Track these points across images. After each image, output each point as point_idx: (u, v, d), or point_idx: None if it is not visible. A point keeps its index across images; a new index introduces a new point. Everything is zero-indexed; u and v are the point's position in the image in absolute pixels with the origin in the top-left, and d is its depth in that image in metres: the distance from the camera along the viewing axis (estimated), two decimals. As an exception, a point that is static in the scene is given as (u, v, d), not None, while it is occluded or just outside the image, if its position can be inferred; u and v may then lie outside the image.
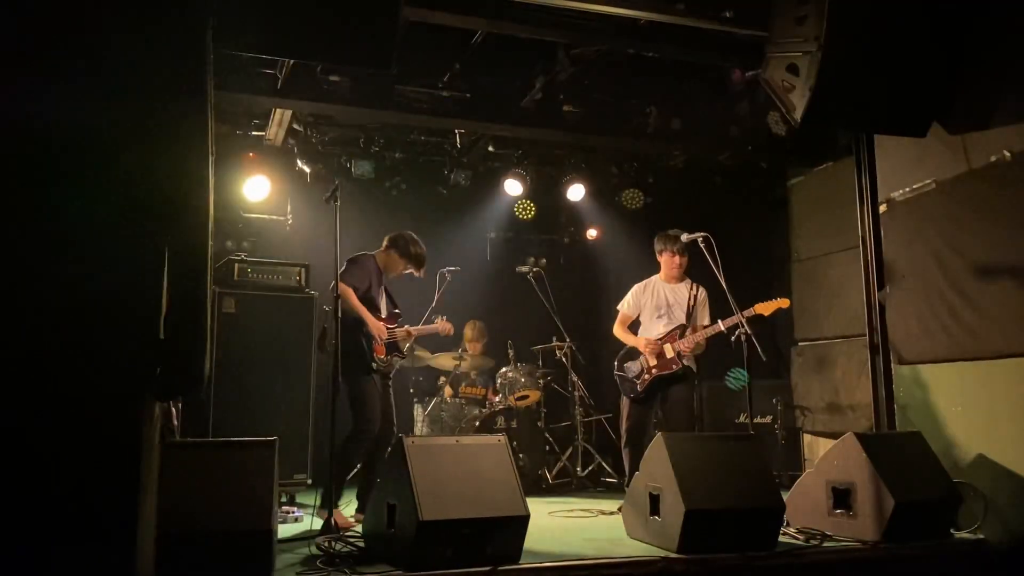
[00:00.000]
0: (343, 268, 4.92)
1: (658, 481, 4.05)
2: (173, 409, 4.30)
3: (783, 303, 5.40)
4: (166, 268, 1.38)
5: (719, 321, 5.35)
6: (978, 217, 4.51)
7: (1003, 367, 4.33)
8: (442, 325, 5.90)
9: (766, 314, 5.32)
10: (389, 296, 5.36)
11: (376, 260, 5.27)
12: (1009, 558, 4.18)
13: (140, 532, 1.35)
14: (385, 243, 5.39)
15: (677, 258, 5.63)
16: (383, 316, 5.18)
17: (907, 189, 4.98)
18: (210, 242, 1.42)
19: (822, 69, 4.26)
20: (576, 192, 7.65)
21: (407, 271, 5.43)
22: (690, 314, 5.59)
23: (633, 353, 5.68)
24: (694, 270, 5.69)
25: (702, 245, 5.24)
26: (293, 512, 5.19)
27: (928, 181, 4.82)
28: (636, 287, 5.85)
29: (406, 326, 5.44)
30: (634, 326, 5.82)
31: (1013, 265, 4.29)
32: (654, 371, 5.50)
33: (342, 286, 4.75)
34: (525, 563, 3.64)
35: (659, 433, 4.21)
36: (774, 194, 7.94)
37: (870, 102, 4.54)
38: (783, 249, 7.81)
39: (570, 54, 5.99)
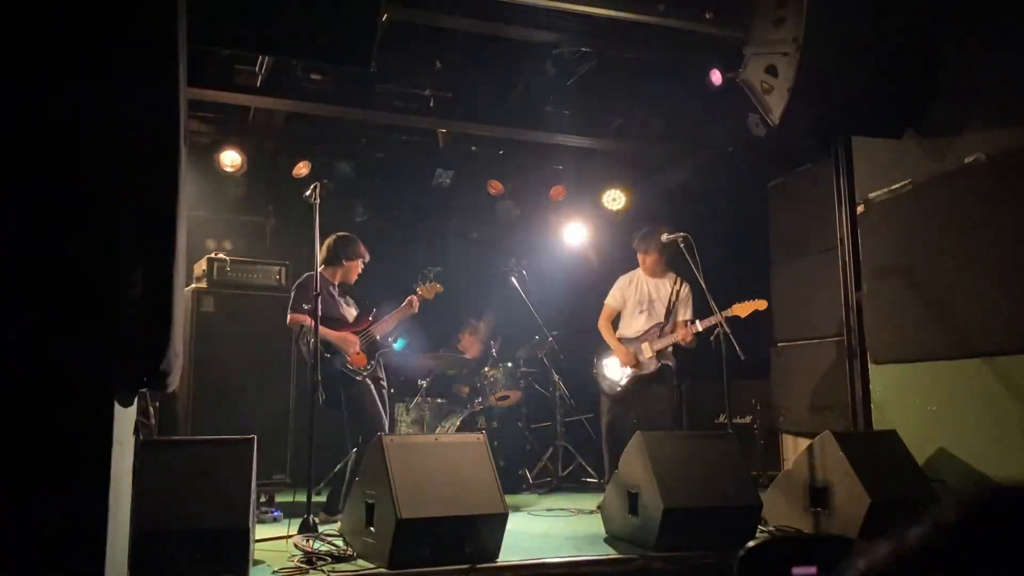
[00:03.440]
0: (292, 297, 5.05)
1: (637, 479, 4.07)
2: (151, 408, 4.27)
3: (760, 304, 5.42)
4: (133, 259, 1.37)
5: (696, 321, 5.39)
6: (953, 218, 4.57)
7: (977, 366, 4.38)
8: (422, 290, 5.50)
9: (743, 315, 5.34)
10: (356, 300, 5.32)
11: (325, 276, 5.11)
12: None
13: (112, 531, 1.33)
14: (325, 257, 5.16)
15: (642, 256, 5.69)
16: (350, 323, 5.13)
17: (884, 190, 5.03)
18: (180, 234, 1.40)
19: (800, 71, 4.30)
20: (559, 194, 7.73)
21: (362, 266, 5.34)
22: (670, 311, 5.61)
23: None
24: (675, 269, 5.73)
25: (682, 245, 5.27)
26: (272, 512, 5.16)
27: (904, 182, 4.87)
28: (621, 280, 5.86)
29: (385, 318, 5.31)
30: (617, 319, 5.84)
31: (987, 266, 4.34)
32: (633, 370, 5.52)
33: (295, 317, 4.88)
34: (504, 561, 3.65)
35: (638, 432, 4.22)
36: (754, 195, 7.98)
37: (847, 104, 4.58)
38: (762, 250, 7.85)
39: (552, 54, 6.01)
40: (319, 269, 4.92)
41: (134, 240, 1.35)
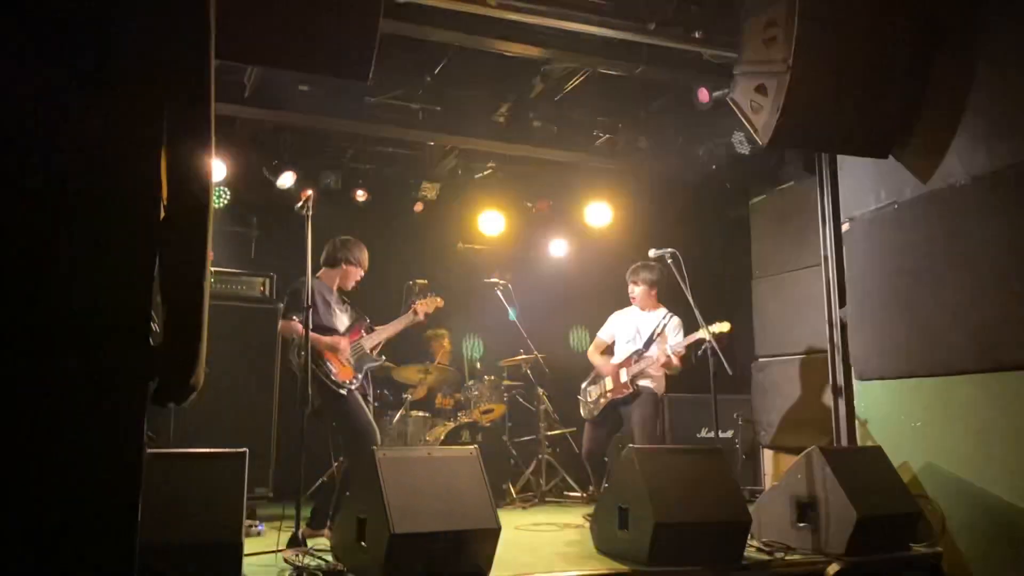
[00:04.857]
0: (283, 303, 4.94)
1: (628, 495, 4.07)
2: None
3: (723, 327, 5.39)
4: (161, 269, 1.35)
5: (668, 346, 5.54)
6: (937, 238, 4.64)
7: (960, 383, 4.45)
8: (422, 305, 5.46)
9: (709, 338, 5.29)
10: (352, 308, 5.28)
11: (323, 280, 5.10)
12: (965, 572, 4.28)
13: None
14: (325, 258, 5.16)
15: (632, 288, 5.93)
16: (341, 333, 5.04)
17: (868, 209, 5.11)
18: (210, 240, 1.39)
19: (789, 91, 4.36)
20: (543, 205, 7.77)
21: (361, 275, 5.27)
22: (651, 340, 5.76)
23: (596, 379, 5.97)
24: (662, 286, 5.82)
25: (669, 261, 5.33)
26: (256, 526, 5.10)
27: (889, 202, 4.95)
28: (613, 315, 6.11)
29: (379, 329, 5.27)
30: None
31: (970, 284, 4.42)
32: (609, 395, 5.77)
33: (286, 325, 4.81)
34: (496, 577, 3.64)
35: (629, 447, 4.25)
36: (736, 212, 8.07)
37: (835, 124, 4.65)
38: (744, 266, 7.93)
39: (541, 70, 6.05)
40: (318, 273, 4.88)
41: (164, 246, 1.34)
